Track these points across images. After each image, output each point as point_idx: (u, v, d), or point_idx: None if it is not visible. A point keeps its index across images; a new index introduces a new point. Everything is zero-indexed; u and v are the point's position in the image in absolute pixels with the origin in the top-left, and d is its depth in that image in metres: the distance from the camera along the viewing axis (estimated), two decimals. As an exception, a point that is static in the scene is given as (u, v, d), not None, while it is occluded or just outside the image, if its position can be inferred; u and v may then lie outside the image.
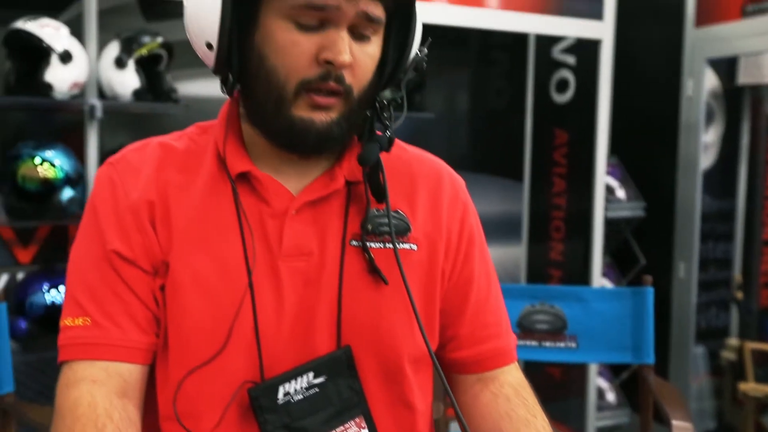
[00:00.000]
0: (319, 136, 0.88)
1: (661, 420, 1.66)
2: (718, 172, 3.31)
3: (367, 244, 0.93)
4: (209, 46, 0.88)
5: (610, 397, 3.25)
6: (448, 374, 1.04)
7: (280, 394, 0.88)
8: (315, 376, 0.90)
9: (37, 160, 2.18)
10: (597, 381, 3.10)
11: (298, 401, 0.89)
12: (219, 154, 0.95)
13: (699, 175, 3.14)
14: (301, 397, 0.89)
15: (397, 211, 0.97)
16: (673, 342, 3.21)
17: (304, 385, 0.90)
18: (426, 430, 1.01)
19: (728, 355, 3.19)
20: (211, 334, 0.89)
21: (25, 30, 2.16)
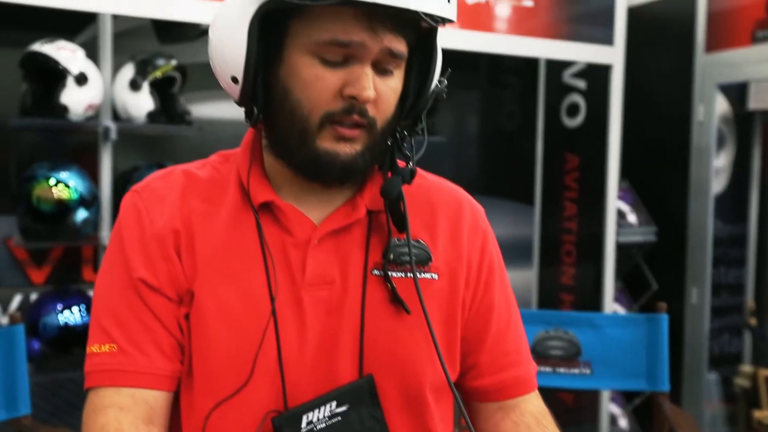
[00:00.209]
0: (344, 168, 0.89)
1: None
2: (729, 196, 3.31)
3: (389, 274, 0.94)
4: (234, 80, 0.88)
5: (623, 423, 3.22)
6: (469, 402, 1.03)
7: (304, 423, 0.88)
8: (338, 405, 0.90)
9: (52, 181, 2.20)
10: (609, 407, 3.08)
11: (321, 430, 0.89)
12: (242, 183, 0.95)
13: (711, 200, 3.14)
14: (323, 426, 0.89)
15: (418, 241, 0.97)
16: (685, 368, 3.19)
17: (327, 414, 0.90)
18: (447, 458, 1.01)
19: (742, 382, 3.16)
20: (236, 363, 0.89)
21: (41, 52, 2.18)
